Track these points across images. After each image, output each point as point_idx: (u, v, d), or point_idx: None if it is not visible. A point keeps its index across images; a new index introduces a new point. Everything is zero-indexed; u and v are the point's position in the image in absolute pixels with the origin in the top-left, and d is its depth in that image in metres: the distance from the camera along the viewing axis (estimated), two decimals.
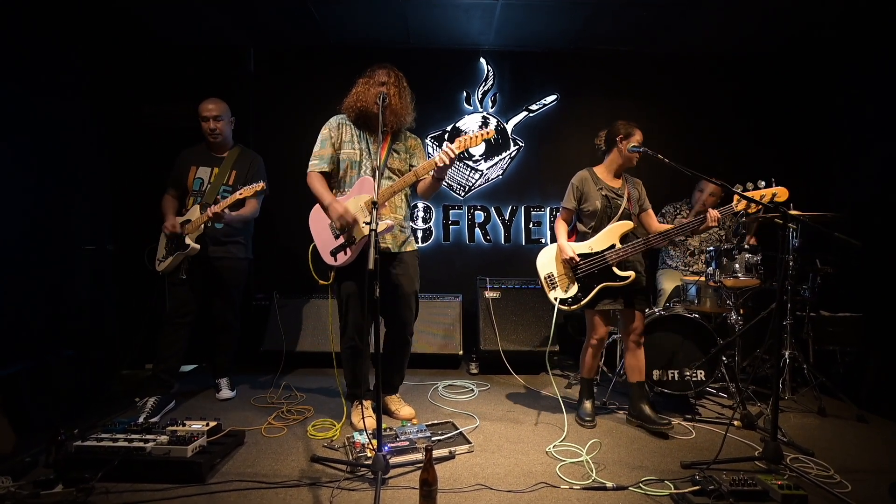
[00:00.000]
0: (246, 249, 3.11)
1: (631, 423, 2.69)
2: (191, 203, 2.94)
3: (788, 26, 3.65)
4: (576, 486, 2.01)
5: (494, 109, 4.22)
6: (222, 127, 2.99)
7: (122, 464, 1.97)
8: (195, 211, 2.87)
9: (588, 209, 2.68)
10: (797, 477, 2.04)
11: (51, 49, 3.27)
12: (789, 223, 2.07)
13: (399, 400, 2.83)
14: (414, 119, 2.65)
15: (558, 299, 2.64)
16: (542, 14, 3.59)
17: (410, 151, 2.67)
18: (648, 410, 2.62)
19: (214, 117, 2.96)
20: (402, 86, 2.56)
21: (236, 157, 3.04)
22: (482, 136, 2.40)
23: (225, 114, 3.01)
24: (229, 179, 2.97)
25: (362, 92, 2.52)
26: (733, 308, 3.01)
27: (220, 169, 2.98)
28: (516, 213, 4.24)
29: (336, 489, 1.96)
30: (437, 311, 3.80)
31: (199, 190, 2.96)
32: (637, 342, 2.68)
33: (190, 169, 2.99)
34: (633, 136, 2.62)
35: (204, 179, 2.97)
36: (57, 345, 3.07)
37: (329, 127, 2.62)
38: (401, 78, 2.57)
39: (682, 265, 3.59)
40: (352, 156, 2.57)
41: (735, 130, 4.22)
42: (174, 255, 2.84)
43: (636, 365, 2.69)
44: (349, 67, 2.74)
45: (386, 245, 2.56)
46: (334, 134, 2.59)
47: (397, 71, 2.58)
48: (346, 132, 2.60)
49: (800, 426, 2.70)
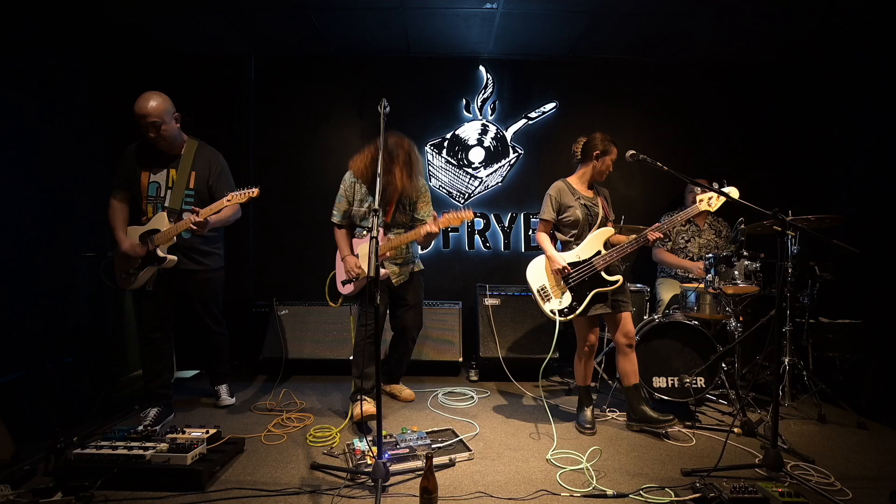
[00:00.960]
0: (221, 258, 2.95)
1: (632, 429, 2.70)
2: (150, 210, 2.68)
3: (785, 36, 3.69)
4: (576, 493, 2.00)
5: (494, 117, 4.25)
6: (167, 130, 2.61)
7: (122, 471, 1.97)
8: (161, 220, 2.62)
9: (569, 219, 2.71)
10: (798, 484, 2.04)
11: (53, 57, 3.29)
12: (788, 230, 2.08)
13: (401, 386, 3.23)
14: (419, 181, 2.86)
15: (555, 311, 2.65)
16: (540, 23, 3.62)
17: (413, 203, 2.88)
18: (649, 411, 2.64)
19: (153, 124, 2.55)
20: (411, 161, 2.75)
21: (193, 156, 2.74)
22: (463, 217, 2.65)
23: (165, 114, 2.59)
24: (190, 183, 2.72)
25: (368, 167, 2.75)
26: (732, 315, 3.02)
27: (179, 171, 2.69)
28: (516, 221, 4.25)
29: (336, 497, 1.95)
30: (436, 319, 3.80)
31: (156, 195, 2.68)
32: (630, 345, 2.68)
33: (142, 174, 2.68)
34: (609, 154, 2.67)
35: (160, 183, 2.69)
36: (56, 352, 3.07)
37: (344, 184, 2.90)
38: (410, 152, 2.76)
39: (681, 272, 3.60)
40: (359, 213, 2.88)
41: (733, 139, 4.25)
42: (145, 269, 2.65)
43: (631, 369, 2.70)
44: (350, 76, 2.78)
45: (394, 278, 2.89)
46: (349, 192, 2.88)
47: (409, 143, 2.77)
48: (357, 191, 2.86)
49: (800, 433, 2.70)
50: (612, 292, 2.65)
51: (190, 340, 2.94)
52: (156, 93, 2.60)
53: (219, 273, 2.96)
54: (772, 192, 4.06)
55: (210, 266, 2.86)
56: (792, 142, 4.23)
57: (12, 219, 2.94)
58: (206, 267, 2.84)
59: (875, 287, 3.58)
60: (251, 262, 4.16)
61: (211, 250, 2.87)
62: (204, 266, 2.83)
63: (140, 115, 2.56)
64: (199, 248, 2.80)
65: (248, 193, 2.62)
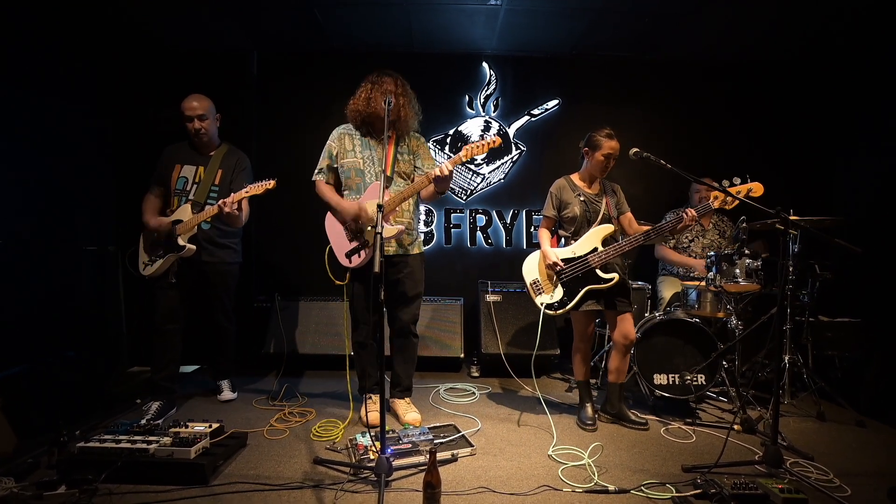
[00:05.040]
0: (237, 254, 3.01)
1: (601, 419, 2.77)
2: (176, 203, 2.81)
3: (789, 34, 3.68)
4: (578, 489, 2.02)
5: (496, 114, 4.24)
6: (208, 126, 2.83)
7: (125, 465, 1.98)
8: (185, 211, 2.75)
9: (568, 215, 2.74)
10: (797, 481, 2.05)
11: (57, 53, 3.29)
12: (790, 229, 2.09)
13: (407, 404, 2.79)
14: (420, 120, 2.69)
15: (544, 304, 2.67)
16: (544, 19, 3.62)
17: (414, 152, 2.70)
18: (627, 411, 2.74)
19: (199, 116, 2.78)
20: (408, 93, 2.61)
21: (222, 157, 2.90)
22: (488, 145, 2.39)
23: (210, 111, 2.84)
24: (216, 179, 2.85)
25: (371, 98, 2.55)
26: (733, 313, 3.03)
27: (208, 168, 2.85)
28: (518, 217, 4.26)
29: (340, 491, 1.96)
30: (438, 315, 3.81)
31: (182, 189, 2.82)
32: (627, 346, 2.68)
33: (174, 167, 2.85)
34: (599, 148, 2.68)
35: (188, 178, 2.84)
36: (58, 345, 3.07)
37: (331, 138, 2.71)
38: (406, 86, 2.62)
39: (682, 270, 3.61)
40: (355, 164, 2.63)
41: (736, 137, 4.25)
42: (165, 258, 2.74)
43: (622, 368, 2.74)
44: (352, 72, 2.77)
45: (393, 249, 2.60)
46: (334, 145, 2.68)
47: (403, 79, 2.63)
48: (347, 142, 2.66)
49: (799, 431, 2.71)
50: (613, 291, 2.65)
51: (192, 334, 2.93)
52: (200, 94, 2.85)
53: (234, 267, 3.00)
54: (774, 191, 4.06)
55: (226, 259, 2.92)
56: (795, 141, 4.23)
57: (15, 212, 2.94)
58: (221, 259, 2.90)
59: (874, 286, 3.59)
60: (253, 257, 4.16)
61: (227, 243, 2.94)
62: (220, 258, 2.89)
63: (186, 108, 2.78)
64: (216, 240, 2.88)
65: (266, 185, 2.67)
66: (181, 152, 2.91)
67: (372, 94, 2.55)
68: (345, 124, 2.71)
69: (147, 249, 2.83)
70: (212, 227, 2.84)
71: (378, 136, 2.62)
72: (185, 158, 2.88)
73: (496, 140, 2.41)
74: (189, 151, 2.91)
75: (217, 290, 2.94)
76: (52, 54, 3.23)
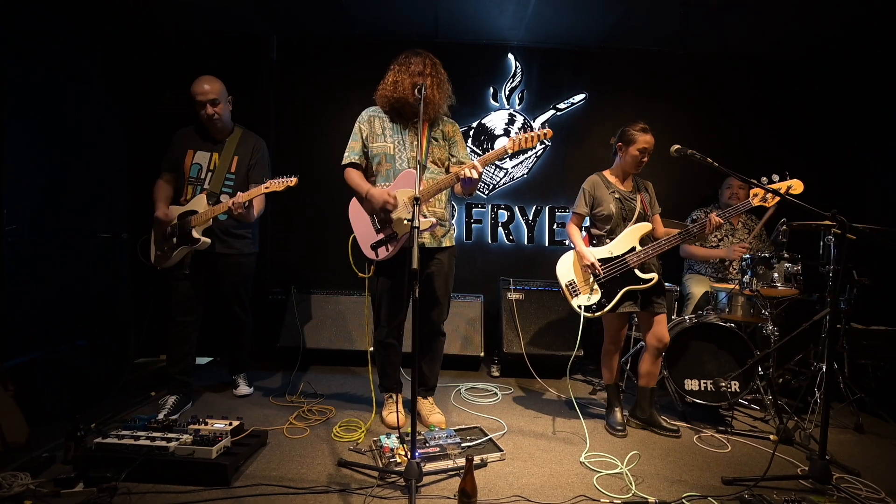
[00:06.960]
0: (253, 244, 2.91)
1: (630, 425, 2.68)
2: (190, 192, 2.69)
3: (824, 28, 3.52)
4: (616, 500, 1.92)
5: (521, 107, 4.12)
6: (221, 110, 2.66)
7: (144, 463, 1.89)
8: (201, 201, 2.63)
9: (602, 213, 2.63)
10: (847, 499, 1.95)
11: (71, 35, 3.19)
12: (847, 233, 1.97)
13: (431, 404, 2.68)
14: (451, 104, 2.54)
15: (582, 307, 2.57)
16: (574, 11, 3.49)
17: (449, 139, 2.55)
18: (658, 417, 2.64)
19: (212, 101, 2.61)
20: (440, 74, 2.44)
21: (237, 142, 2.75)
22: (537, 137, 2.25)
23: (222, 94, 2.67)
24: (232, 167, 2.72)
25: (398, 82, 2.40)
26: (769, 318, 2.92)
27: (222, 155, 2.71)
28: (540, 214, 4.14)
29: (368, 497, 1.87)
30: (457, 311, 3.69)
31: (196, 177, 2.70)
32: (660, 350, 2.59)
33: (187, 153, 2.71)
34: (634, 143, 2.57)
35: (202, 166, 2.70)
36: (70, 334, 2.99)
37: (360, 120, 2.56)
38: (438, 66, 2.45)
39: (711, 270, 3.50)
40: (385, 149, 2.48)
41: (766, 135, 4.11)
42: (179, 249, 2.63)
43: (653, 372, 2.65)
44: (374, 59, 2.65)
45: (426, 240, 2.47)
46: (364, 127, 2.53)
47: (434, 58, 2.46)
48: (377, 125, 2.52)
49: (838, 443, 2.60)
50: (650, 291, 2.56)
51: (207, 327, 2.85)
52: (210, 76, 2.67)
53: (250, 258, 2.90)
54: (807, 191, 3.95)
55: (242, 250, 2.82)
56: (827, 139, 4.09)
57: (27, 198, 2.86)
58: (237, 251, 2.80)
59: None
60: (267, 249, 4.06)
61: (244, 234, 2.83)
62: (236, 249, 2.79)
63: (198, 93, 2.61)
64: (233, 231, 2.77)
65: (287, 182, 2.54)
66: (193, 137, 2.75)
67: (399, 76, 2.41)
68: (374, 106, 2.56)
69: (157, 241, 2.72)
70: (228, 217, 2.68)
71: (409, 121, 2.48)
72: (198, 144, 2.73)
73: (548, 132, 2.28)
74: (202, 136, 2.75)
75: (233, 281, 2.84)
76: (64, 36, 3.13)
